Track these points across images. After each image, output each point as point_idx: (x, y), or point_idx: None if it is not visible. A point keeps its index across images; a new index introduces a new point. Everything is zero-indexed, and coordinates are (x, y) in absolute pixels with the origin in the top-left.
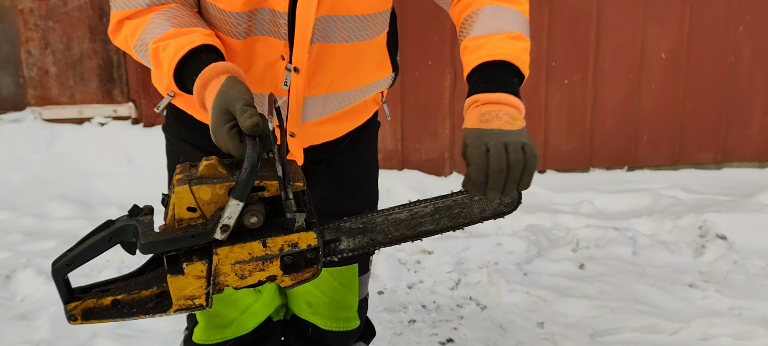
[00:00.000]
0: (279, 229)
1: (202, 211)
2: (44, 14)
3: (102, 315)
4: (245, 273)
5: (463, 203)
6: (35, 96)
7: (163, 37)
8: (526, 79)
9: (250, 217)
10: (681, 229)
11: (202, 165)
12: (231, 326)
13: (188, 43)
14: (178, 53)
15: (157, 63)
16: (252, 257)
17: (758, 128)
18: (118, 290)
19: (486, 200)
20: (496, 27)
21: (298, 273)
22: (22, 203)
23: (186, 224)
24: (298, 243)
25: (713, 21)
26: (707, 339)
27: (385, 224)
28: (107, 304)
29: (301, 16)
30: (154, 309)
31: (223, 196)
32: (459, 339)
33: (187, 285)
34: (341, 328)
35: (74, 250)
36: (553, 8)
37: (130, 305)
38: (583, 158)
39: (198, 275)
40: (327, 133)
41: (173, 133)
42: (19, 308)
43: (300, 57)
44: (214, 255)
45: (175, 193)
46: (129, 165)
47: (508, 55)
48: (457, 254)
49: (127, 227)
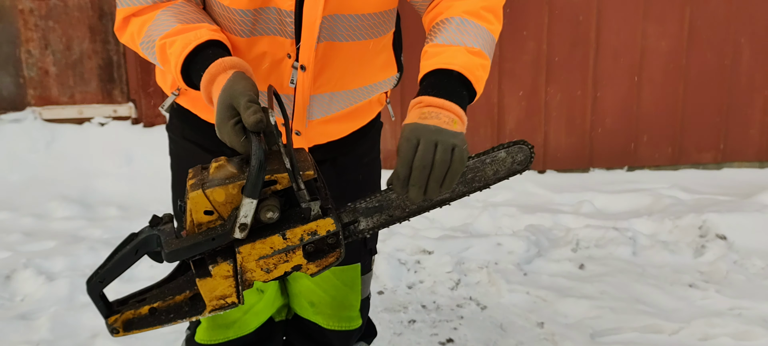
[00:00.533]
0: (297, 219)
1: (219, 212)
2: (44, 14)
3: (142, 325)
4: (270, 266)
5: (475, 167)
6: (35, 96)
7: (170, 34)
8: (478, 97)
9: (266, 212)
10: (681, 229)
11: (213, 167)
12: (233, 326)
13: (195, 39)
14: (185, 49)
15: (164, 60)
16: (274, 251)
17: (758, 128)
18: (154, 298)
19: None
20: (458, 40)
21: (322, 259)
22: (22, 203)
23: (205, 227)
24: (318, 231)
25: (713, 21)
26: (707, 339)
27: (400, 199)
28: (145, 313)
29: (309, 14)
30: (190, 312)
31: (237, 195)
32: (459, 339)
33: (217, 286)
34: (343, 327)
35: (105, 266)
36: (553, 8)
37: (167, 312)
38: (583, 158)
39: (225, 275)
40: (332, 132)
41: (177, 132)
42: (19, 308)
43: (307, 55)
44: (237, 254)
45: (190, 199)
46: (129, 165)
47: (461, 67)
48: (457, 254)
49: (150, 238)
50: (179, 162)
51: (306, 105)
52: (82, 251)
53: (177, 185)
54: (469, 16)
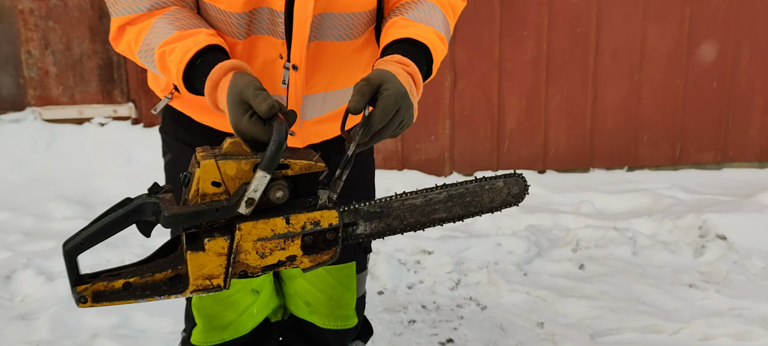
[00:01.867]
0: (302, 207)
1: (226, 186)
2: (44, 14)
3: (113, 298)
4: (266, 252)
5: (474, 191)
6: (35, 96)
7: (169, 41)
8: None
9: (276, 191)
10: (681, 229)
11: (227, 143)
12: (229, 328)
13: (194, 45)
14: (185, 56)
15: (164, 68)
16: (274, 234)
17: (758, 128)
18: (129, 274)
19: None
20: (428, 21)
21: (317, 255)
22: (22, 203)
23: (210, 199)
24: (321, 221)
25: (713, 21)
26: (707, 339)
27: (401, 209)
28: (118, 287)
29: (299, 13)
30: (169, 291)
31: (248, 172)
32: (459, 339)
33: (207, 262)
34: (340, 326)
35: (89, 229)
36: (553, 8)
37: (143, 288)
38: (583, 158)
39: (219, 251)
40: (325, 132)
41: (170, 134)
42: (19, 308)
43: (298, 54)
44: (236, 230)
45: (201, 167)
46: (129, 165)
47: (431, 45)
48: (457, 254)
49: (146, 205)
50: (173, 164)
51: (299, 105)
52: None
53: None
54: (439, 5)
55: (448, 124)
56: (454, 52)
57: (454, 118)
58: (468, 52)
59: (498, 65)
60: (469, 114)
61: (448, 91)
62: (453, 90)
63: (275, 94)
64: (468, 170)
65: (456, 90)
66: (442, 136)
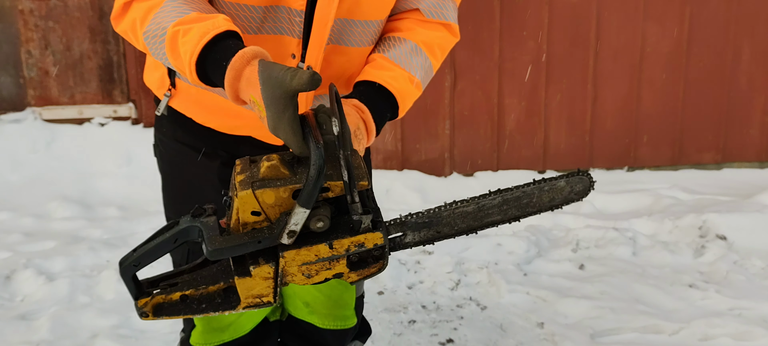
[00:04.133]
0: (345, 229)
1: (267, 214)
2: (44, 14)
3: (172, 311)
4: (312, 273)
5: (531, 193)
6: (35, 96)
7: (185, 21)
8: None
9: (317, 222)
10: (681, 229)
11: (264, 166)
12: (228, 329)
13: (213, 28)
14: (202, 38)
15: (174, 51)
16: (319, 259)
17: (758, 128)
18: (186, 285)
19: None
20: (406, 64)
21: (364, 269)
22: (22, 203)
23: (251, 227)
24: (365, 243)
25: (713, 21)
26: (707, 339)
27: (451, 217)
28: (176, 299)
29: (321, 15)
30: (223, 305)
31: (288, 199)
32: (459, 339)
33: (255, 286)
34: (339, 326)
35: (140, 249)
36: (553, 8)
37: (199, 301)
38: (583, 158)
39: (265, 276)
40: None
41: (169, 135)
42: (19, 308)
43: (315, 56)
44: (280, 258)
45: (239, 198)
46: (129, 165)
47: (399, 94)
48: (457, 254)
49: (191, 229)
50: (172, 167)
51: (308, 106)
52: (82, 252)
53: (170, 189)
54: (424, 47)
55: (448, 125)
56: (454, 52)
57: (454, 118)
58: (468, 52)
59: (498, 65)
60: (469, 114)
61: (448, 91)
62: (453, 90)
63: None
64: (468, 170)
65: (456, 90)
66: (442, 136)
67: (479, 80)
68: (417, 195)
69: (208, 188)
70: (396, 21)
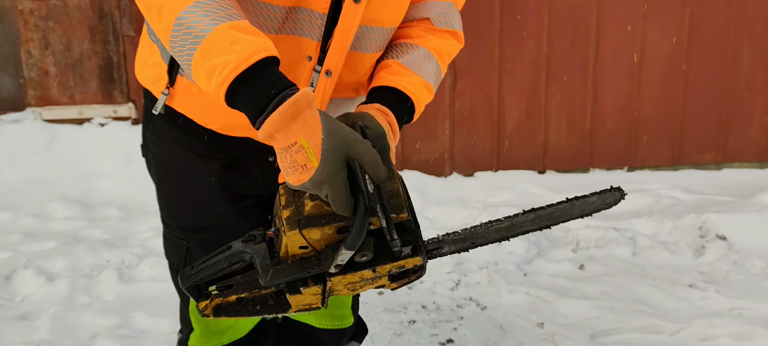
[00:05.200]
0: (387, 255)
1: (313, 247)
2: (44, 14)
3: (230, 311)
4: (356, 288)
5: (563, 209)
6: (35, 96)
7: (238, 28)
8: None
9: (361, 257)
10: (681, 229)
11: (308, 205)
12: (227, 332)
13: (265, 49)
14: (253, 56)
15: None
16: (362, 279)
17: (758, 128)
18: (240, 288)
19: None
20: (420, 70)
21: (403, 279)
22: (22, 203)
23: (299, 257)
24: (405, 265)
25: (713, 21)
26: (707, 340)
27: (486, 230)
28: (233, 301)
29: (345, 21)
30: (275, 308)
31: (333, 234)
32: (459, 339)
33: (305, 299)
34: (336, 326)
35: (197, 266)
36: (553, 8)
37: (253, 303)
38: (583, 159)
39: (314, 294)
40: None
41: (165, 136)
42: (19, 308)
43: (335, 61)
44: (328, 281)
45: (287, 237)
46: (129, 165)
47: (416, 99)
48: (457, 254)
49: (243, 253)
50: (168, 170)
51: (324, 109)
52: (82, 252)
53: (166, 193)
54: (435, 54)
55: (448, 125)
56: None
57: (454, 118)
58: (468, 52)
59: (498, 65)
60: (469, 114)
61: (448, 91)
62: (453, 90)
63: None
64: (468, 170)
65: (456, 90)
66: (442, 137)
67: (479, 80)
68: (417, 195)
69: (207, 191)
70: (406, 28)
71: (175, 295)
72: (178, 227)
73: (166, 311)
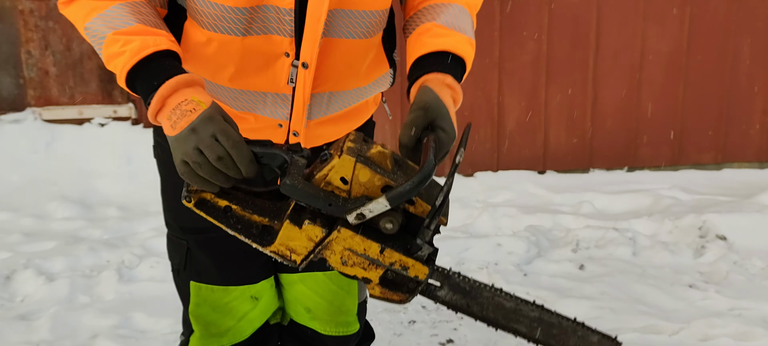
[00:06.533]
0: (401, 245)
1: (352, 188)
2: (44, 15)
3: (211, 212)
4: (349, 262)
5: (566, 329)
6: (35, 97)
7: (128, 32)
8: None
9: (387, 222)
10: (681, 229)
11: (375, 149)
12: (227, 334)
13: (154, 45)
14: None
15: (111, 55)
16: (364, 254)
17: (758, 128)
18: (235, 200)
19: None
20: (461, 27)
21: (389, 291)
22: (22, 203)
23: (331, 189)
24: (409, 269)
25: (713, 21)
26: (707, 340)
27: (488, 301)
28: (220, 206)
29: (313, 9)
30: (256, 238)
31: (377, 187)
32: (459, 339)
33: (296, 239)
34: (341, 332)
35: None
36: (553, 8)
37: (238, 220)
38: (583, 159)
39: (311, 237)
40: (329, 134)
41: (161, 134)
42: (19, 308)
43: (309, 52)
44: (335, 231)
45: (341, 160)
46: (129, 165)
47: (468, 59)
48: (457, 254)
49: (277, 156)
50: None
51: (306, 104)
52: (82, 252)
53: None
54: (467, 8)
55: None
56: None
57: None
58: None
59: (498, 65)
60: (469, 114)
61: None
62: None
63: (281, 93)
64: (468, 170)
65: None
66: None
67: (479, 80)
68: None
69: None
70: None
71: (176, 295)
72: (179, 227)
73: (166, 311)
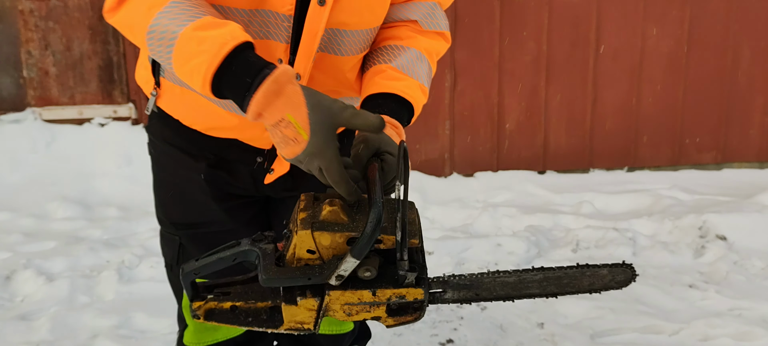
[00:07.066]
0: (390, 280)
1: (321, 254)
2: (44, 15)
3: (221, 318)
4: (353, 312)
5: (573, 275)
6: (35, 97)
7: (200, 26)
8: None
9: (365, 271)
10: (681, 229)
11: (326, 210)
12: (222, 328)
13: (232, 38)
14: (222, 48)
15: (183, 55)
16: (361, 302)
17: (758, 128)
18: (237, 296)
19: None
20: (415, 73)
21: (401, 317)
22: (22, 203)
23: (304, 263)
24: (406, 296)
25: (713, 21)
26: (707, 340)
27: (492, 284)
28: (227, 308)
29: (311, 24)
30: (266, 323)
31: (342, 244)
32: (459, 339)
33: (299, 313)
34: (334, 331)
35: (202, 261)
36: (553, 8)
37: (247, 314)
38: (583, 159)
39: (310, 308)
40: None
41: (158, 136)
42: (19, 308)
43: (303, 64)
44: (326, 295)
45: (298, 236)
46: (129, 166)
47: (415, 103)
48: (457, 254)
49: (250, 252)
50: (160, 167)
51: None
52: (82, 252)
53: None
54: (426, 55)
55: (448, 125)
56: (454, 52)
57: (454, 119)
58: (468, 52)
59: (498, 65)
60: (469, 114)
61: (448, 92)
62: (453, 90)
63: None
64: (468, 170)
65: (456, 90)
66: (442, 137)
67: (479, 80)
68: (417, 195)
69: (195, 190)
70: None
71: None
72: (170, 223)
73: (166, 311)
